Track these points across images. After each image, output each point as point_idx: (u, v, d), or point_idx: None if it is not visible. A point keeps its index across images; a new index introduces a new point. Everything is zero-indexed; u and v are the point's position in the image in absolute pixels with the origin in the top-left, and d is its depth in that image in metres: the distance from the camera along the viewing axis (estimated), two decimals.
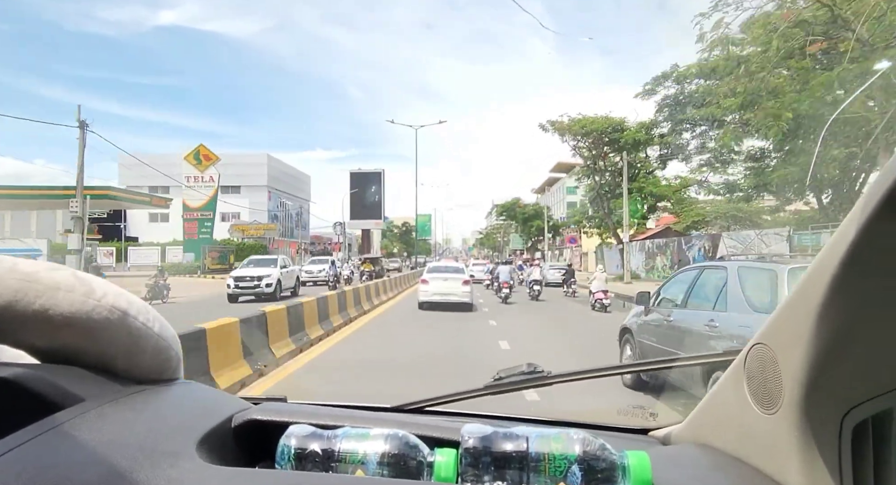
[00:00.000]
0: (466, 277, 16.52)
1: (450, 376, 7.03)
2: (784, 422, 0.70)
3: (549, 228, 73.75)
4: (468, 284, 15.87)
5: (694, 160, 27.11)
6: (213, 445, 0.66)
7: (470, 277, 16.87)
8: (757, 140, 21.67)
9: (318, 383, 7.63)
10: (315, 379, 7.72)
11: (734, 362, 0.80)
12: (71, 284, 0.70)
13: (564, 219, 69.49)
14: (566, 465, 0.66)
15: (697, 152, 26.42)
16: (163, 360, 0.79)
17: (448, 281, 16.23)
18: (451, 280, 16.31)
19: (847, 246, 0.55)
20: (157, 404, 0.71)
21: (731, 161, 24.54)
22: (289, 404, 0.88)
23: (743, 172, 24.65)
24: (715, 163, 25.11)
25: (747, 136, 21.21)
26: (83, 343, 0.70)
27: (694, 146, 26.89)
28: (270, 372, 7.15)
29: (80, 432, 0.58)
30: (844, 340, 0.60)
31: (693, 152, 26.77)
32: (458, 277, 16.44)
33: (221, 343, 6.62)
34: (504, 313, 14.84)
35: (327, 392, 6.81)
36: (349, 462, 0.66)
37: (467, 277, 16.56)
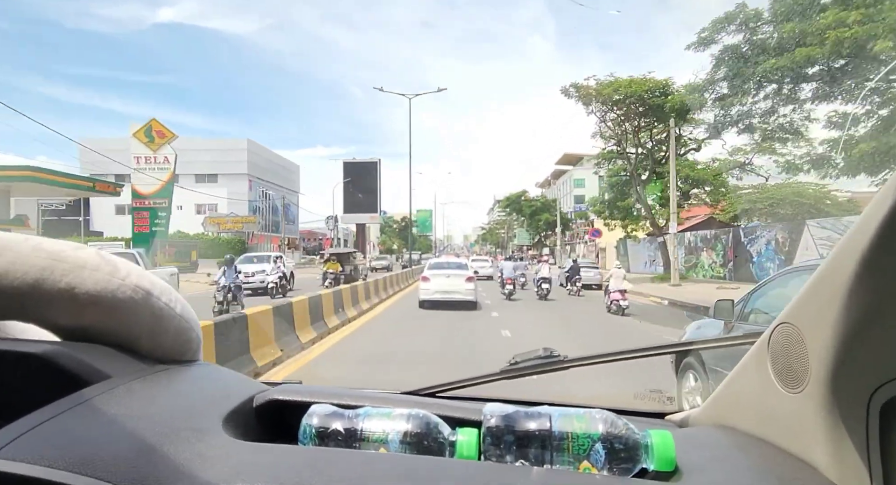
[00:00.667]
0: (470, 273, 15.36)
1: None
2: (810, 401, 0.70)
3: (562, 221, 70.23)
4: (472, 281, 14.80)
5: (755, 131, 22.52)
6: (237, 422, 0.68)
7: (475, 274, 15.18)
8: (842, 104, 17.39)
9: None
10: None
11: (757, 343, 0.81)
12: (96, 263, 0.71)
13: (577, 211, 66.56)
14: (589, 444, 0.66)
15: (762, 122, 21.77)
16: (184, 341, 0.79)
17: (450, 278, 15.13)
18: (454, 277, 15.16)
19: (877, 224, 0.55)
20: (182, 383, 0.73)
21: (801, 132, 20.64)
22: (308, 386, 0.90)
23: (804, 150, 21.01)
24: (784, 134, 21.03)
25: (831, 98, 17.41)
26: (108, 322, 0.72)
27: (759, 111, 21.98)
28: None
29: (109, 407, 0.60)
30: (872, 317, 0.61)
31: (757, 120, 21.99)
32: (461, 274, 15.23)
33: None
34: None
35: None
36: (372, 441, 0.67)
37: (471, 273, 15.47)
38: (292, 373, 6.63)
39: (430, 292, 14.44)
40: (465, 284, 14.57)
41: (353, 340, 9.54)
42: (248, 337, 6.47)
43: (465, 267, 15.74)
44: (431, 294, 14.42)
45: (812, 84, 16.76)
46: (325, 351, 8.22)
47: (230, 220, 47.67)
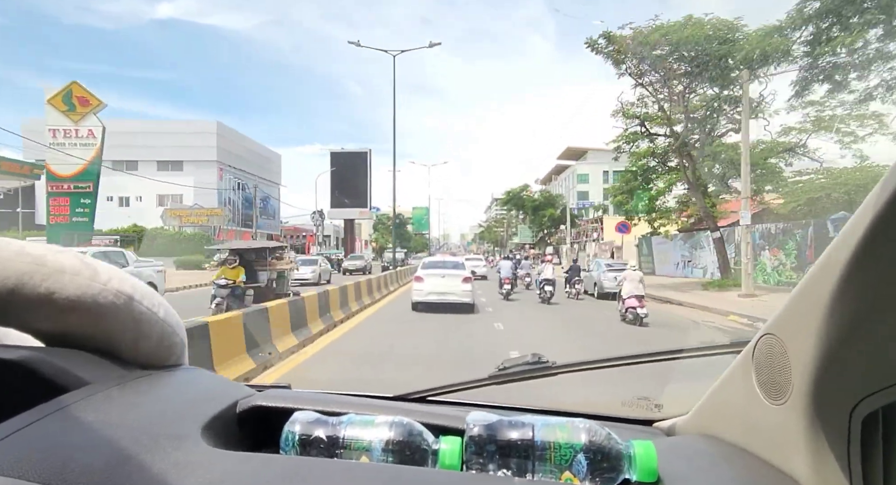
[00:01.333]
0: (467, 273, 14.78)
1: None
2: (792, 413, 0.71)
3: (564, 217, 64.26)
4: (469, 282, 14.25)
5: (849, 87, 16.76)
6: (217, 430, 0.68)
7: (472, 276, 14.88)
8: None
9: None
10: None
11: (742, 353, 0.81)
12: (77, 267, 0.71)
13: (582, 206, 64.06)
14: (572, 454, 0.67)
15: (860, 75, 16.14)
16: (168, 345, 0.79)
17: (446, 278, 14.42)
18: (450, 277, 14.48)
19: (860, 236, 0.56)
20: (163, 388, 0.73)
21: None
22: (293, 391, 0.90)
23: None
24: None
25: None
26: (88, 327, 0.72)
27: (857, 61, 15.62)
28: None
29: (85, 415, 0.59)
30: (855, 330, 0.62)
31: (853, 73, 16.23)
32: (458, 274, 14.62)
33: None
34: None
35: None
36: (354, 449, 0.68)
37: (468, 273, 14.87)
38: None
39: (423, 293, 13.64)
40: (461, 285, 13.74)
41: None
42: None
43: (461, 267, 15.01)
44: (425, 295, 13.62)
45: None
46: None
47: (194, 212, 39.93)
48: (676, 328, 11.13)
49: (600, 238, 52.02)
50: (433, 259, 17.24)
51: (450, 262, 16.06)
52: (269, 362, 7.44)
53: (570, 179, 73.19)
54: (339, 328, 10.82)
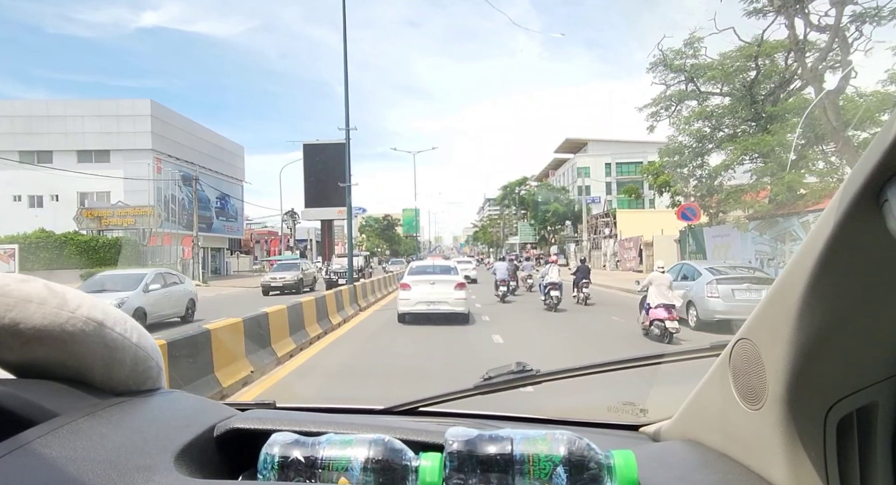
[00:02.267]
0: (460, 279, 13.62)
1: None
2: (768, 418, 0.71)
3: (572, 213, 59.93)
4: (463, 289, 13.03)
5: None
6: (192, 456, 0.67)
7: (465, 280, 13.93)
8: None
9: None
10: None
11: (720, 358, 0.82)
12: (43, 296, 0.70)
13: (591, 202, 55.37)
14: (551, 466, 0.67)
15: None
16: (142, 370, 0.78)
17: (436, 285, 13.11)
18: (441, 284, 13.15)
19: (824, 241, 0.57)
20: (135, 416, 0.71)
21: None
22: (274, 411, 0.91)
23: None
24: None
25: None
26: (58, 356, 0.70)
27: None
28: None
29: (50, 450, 0.58)
30: (826, 334, 0.62)
31: None
32: (450, 280, 13.33)
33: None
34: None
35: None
36: (333, 470, 0.68)
37: (461, 279, 13.70)
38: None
39: (410, 303, 12.55)
40: (454, 293, 12.60)
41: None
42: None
43: (454, 271, 13.89)
44: (413, 305, 12.52)
45: None
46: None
47: (117, 212, 28.92)
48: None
49: (613, 234, 46.74)
50: (421, 263, 15.82)
51: (440, 266, 14.70)
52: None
53: (570, 173, 69.72)
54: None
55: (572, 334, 11.02)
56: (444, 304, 12.36)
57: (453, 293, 12.49)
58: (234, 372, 6.71)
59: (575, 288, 17.15)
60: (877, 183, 0.52)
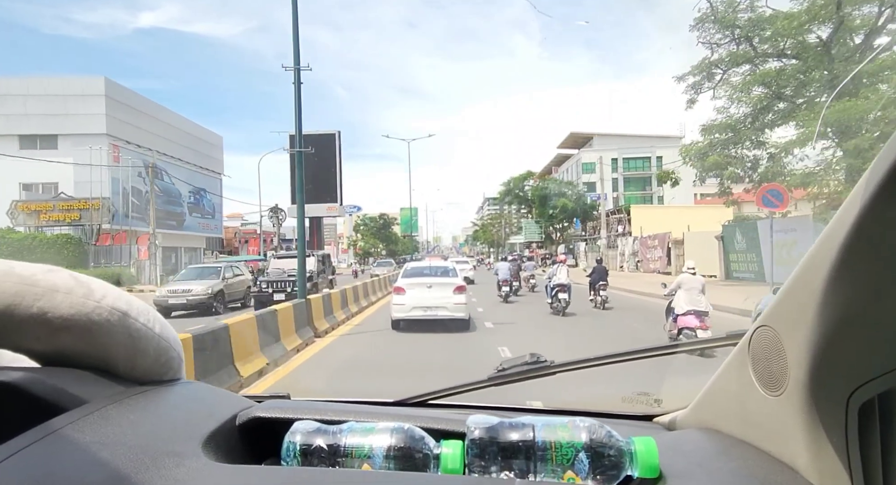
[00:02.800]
0: (460, 281, 12.74)
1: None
2: (789, 403, 0.71)
3: (582, 209, 54.47)
4: (463, 292, 12.14)
5: None
6: (218, 444, 0.69)
7: (464, 282, 13.07)
8: None
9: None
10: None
11: (738, 346, 0.84)
12: (69, 285, 0.72)
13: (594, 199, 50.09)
14: (573, 453, 0.68)
15: None
16: (164, 361, 0.80)
17: (433, 289, 12.18)
18: (439, 287, 12.22)
19: (850, 226, 0.57)
20: (161, 404, 0.73)
21: None
22: (292, 401, 0.93)
23: None
24: None
25: None
26: (84, 346, 0.72)
27: None
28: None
29: (82, 435, 0.60)
30: (849, 319, 0.62)
31: None
32: (448, 283, 12.42)
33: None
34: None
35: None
36: (355, 457, 0.69)
37: (461, 281, 12.81)
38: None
39: (405, 309, 11.77)
40: (453, 297, 11.81)
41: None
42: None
43: (452, 273, 13.21)
44: (408, 311, 11.75)
45: None
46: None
47: (58, 206, 22.76)
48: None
49: (626, 231, 42.95)
50: (417, 265, 15.00)
51: (438, 267, 14.01)
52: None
53: (574, 169, 67.02)
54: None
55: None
56: (442, 309, 11.65)
57: (452, 298, 11.76)
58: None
59: (591, 291, 16.12)
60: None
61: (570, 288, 14.19)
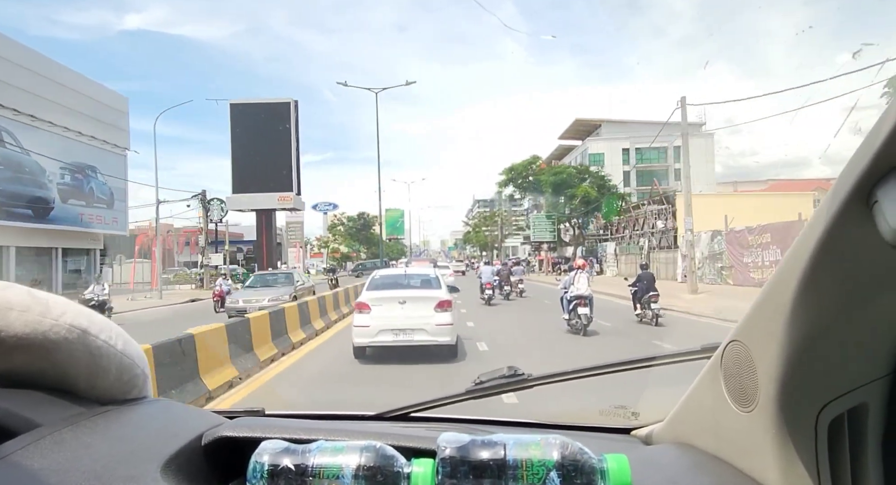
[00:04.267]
0: (444, 294, 10.10)
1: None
2: (760, 420, 0.74)
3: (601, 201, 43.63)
4: (448, 309, 9.71)
5: None
6: (180, 465, 0.69)
7: (450, 295, 10.44)
8: None
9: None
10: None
11: (711, 360, 0.87)
12: (25, 303, 0.71)
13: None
14: (544, 471, 0.68)
15: None
16: (128, 379, 0.80)
17: (409, 305, 9.61)
18: (416, 303, 9.67)
19: (815, 242, 0.59)
20: (121, 425, 0.73)
21: None
22: (264, 419, 0.95)
23: None
24: None
25: None
26: (40, 365, 0.72)
27: None
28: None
29: (31, 461, 0.58)
30: (818, 335, 0.65)
31: None
32: (429, 297, 9.85)
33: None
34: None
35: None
36: (324, 477, 0.69)
37: (445, 294, 10.15)
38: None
39: (370, 332, 9.47)
40: (435, 316, 9.51)
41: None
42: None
43: (435, 283, 10.80)
44: (373, 335, 9.47)
45: None
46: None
47: None
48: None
49: (671, 227, 32.58)
50: (388, 273, 12.30)
51: (416, 276, 11.45)
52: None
53: (579, 162, 57.64)
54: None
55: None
56: (419, 332, 9.29)
57: (434, 316, 9.39)
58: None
59: (637, 304, 13.59)
60: (867, 184, 0.52)
61: (591, 300, 11.97)
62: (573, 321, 11.92)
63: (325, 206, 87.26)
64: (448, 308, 9.51)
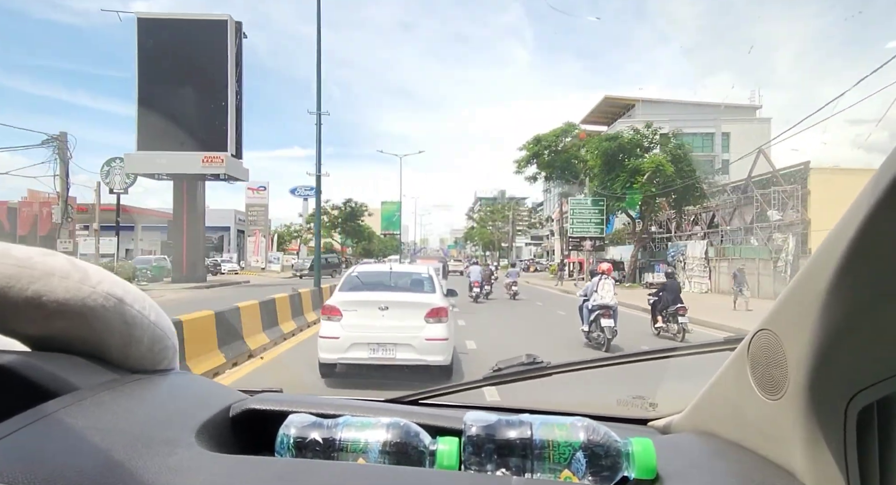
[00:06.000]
0: (438, 299, 7.89)
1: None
2: (789, 407, 0.76)
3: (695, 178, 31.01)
4: (443, 319, 7.50)
5: None
6: (211, 434, 0.74)
7: (447, 301, 8.54)
8: None
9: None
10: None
11: (737, 350, 0.90)
12: (66, 270, 0.75)
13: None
14: (570, 452, 0.71)
15: None
16: (159, 350, 0.85)
17: (391, 312, 7.26)
18: (401, 309, 7.39)
19: (854, 230, 0.60)
20: (154, 392, 0.79)
21: None
22: (287, 395, 0.98)
23: None
24: None
25: None
26: (77, 331, 0.76)
27: None
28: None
29: (75, 420, 0.63)
30: (850, 324, 0.66)
31: None
32: (419, 302, 7.58)
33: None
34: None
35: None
36: (350, 451, 0.72)
37: (440, 299, 7.97)
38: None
39: (341, 346, 7.32)
40: (425, 327, 7.42)
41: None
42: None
43: (428, 285, 8.71)
44: (344, 350, 7.33)
45: None
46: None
47: None
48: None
49: (802, 218, 23.30)
50: (369, 270, 9.74)
51: (405, 275, 9.17)
52: None
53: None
54: None
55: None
56: (405, 348, 7.22)
57: (424, 328, 7.23)
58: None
59: (658, 317, 12.06)
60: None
61: (615, 311, 10.30)
62: (594, 334, 9.98)
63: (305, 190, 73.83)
64: (443, 318, 7.26)
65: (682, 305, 11.55)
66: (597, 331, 10.48)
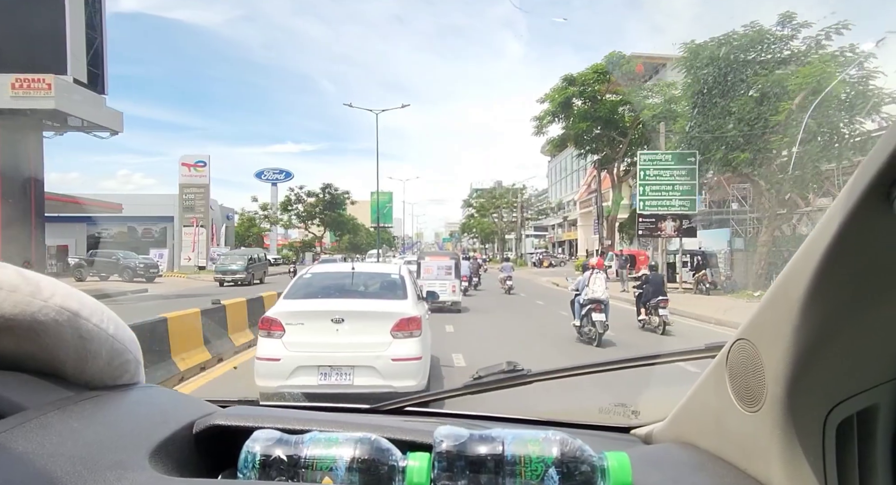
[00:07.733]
0: (410, 308, 6.02)
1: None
2: (767, 420, 0.73)
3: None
4: (415, 333, 5.71)
5: None
6: (170, 453, 0.71)
7: (420, 309, 6.86)
8: None
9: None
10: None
11: (716, 359, 0.87)
12: (15, 283, 0.72)
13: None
14: (543, 468, 0.69)
15: None
16: (119, 364, 0.81)
17: (347, 324, 5.45)
18: (360, 321, 5.54)
19: (830, 239, 0.58)
20: (109, 411, 0.75)
21: None
22: (257, 408, 0.94)
23: None
24: None
25: None
26: (28, 347, 0.73)
27: None
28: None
29: (16, 445, 0.57)
30: (828, 334, 0.65)
31: None
32: (382, 312, 5.75)
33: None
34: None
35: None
36: (316, 469, 0.70)
37: (411, 307, 6.22)
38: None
39: (283, 369, 5.77)
40: (391, 345, 5.81)
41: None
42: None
43: (396, 288, 6.86)
44: (287, 375, 5.86)
45: None
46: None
47: None
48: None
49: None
50: (324, 271, 7.97)
51: (368, 276, 7.55)
52: None
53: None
54: None
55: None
56: (365, 372, 5.81)
57: (390, 346, 5.84)
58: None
59: (642, 309, 12.45)
60: (887, 180, 0.50)
61: (607, 306, 10.78)
62: (586, 329, 10.39)
63: (275, 174, 62.03)
64: (415, 331, 5.84)
65: (665, 298, 11.11)
66: (588, 325, 10.31)
